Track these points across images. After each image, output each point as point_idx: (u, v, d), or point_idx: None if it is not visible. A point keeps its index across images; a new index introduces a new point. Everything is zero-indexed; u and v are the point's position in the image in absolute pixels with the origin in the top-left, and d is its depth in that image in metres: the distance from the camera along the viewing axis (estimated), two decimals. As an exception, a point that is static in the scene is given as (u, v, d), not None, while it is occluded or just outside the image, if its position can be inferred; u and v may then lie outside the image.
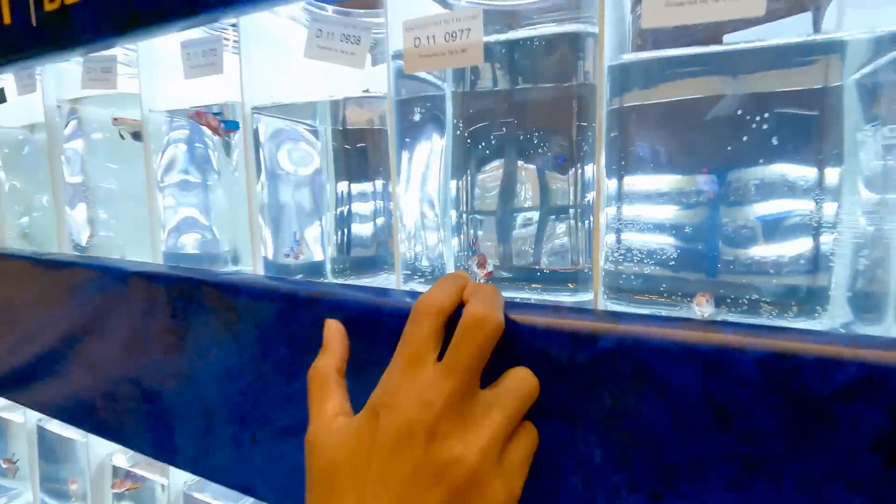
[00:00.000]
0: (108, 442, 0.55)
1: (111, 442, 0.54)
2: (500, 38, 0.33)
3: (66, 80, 0.59)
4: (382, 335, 0.33)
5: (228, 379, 0.42)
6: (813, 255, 0.26)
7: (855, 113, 0.25)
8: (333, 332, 0.30)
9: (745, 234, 0.27)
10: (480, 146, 0.35)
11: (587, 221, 0.33)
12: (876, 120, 0.25)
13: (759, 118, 0.26)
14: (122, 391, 0.51)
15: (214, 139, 0.50)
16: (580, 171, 0.33)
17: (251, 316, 0.40)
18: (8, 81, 0.64)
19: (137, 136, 0.54)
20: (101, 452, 0.70)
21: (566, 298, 0.34)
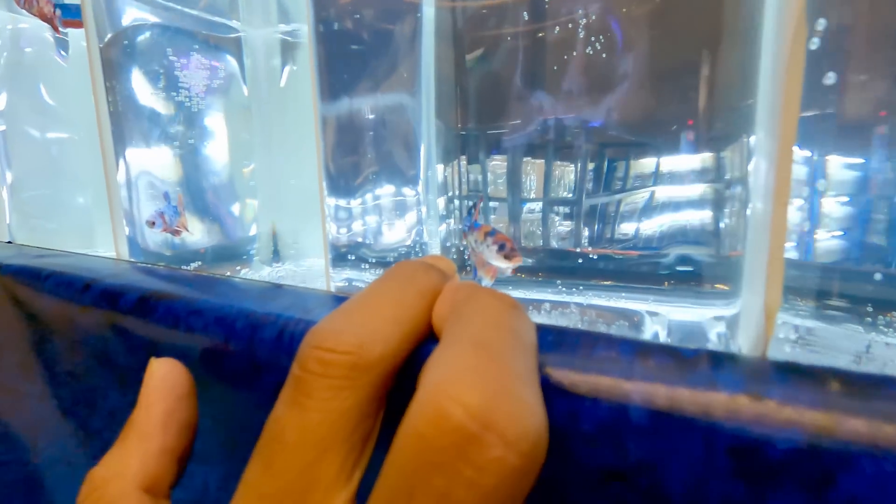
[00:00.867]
0: None
1: None
2: None
3: None
4: (266, 380, 0.18)
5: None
6: None
7: None
8: (154, 391, 0.16)
9: None
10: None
11: (738, 187, 0.19)
12: None
13: None
14: None
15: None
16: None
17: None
18: None
19: None
20: None
21: (689, 309, 0.19)
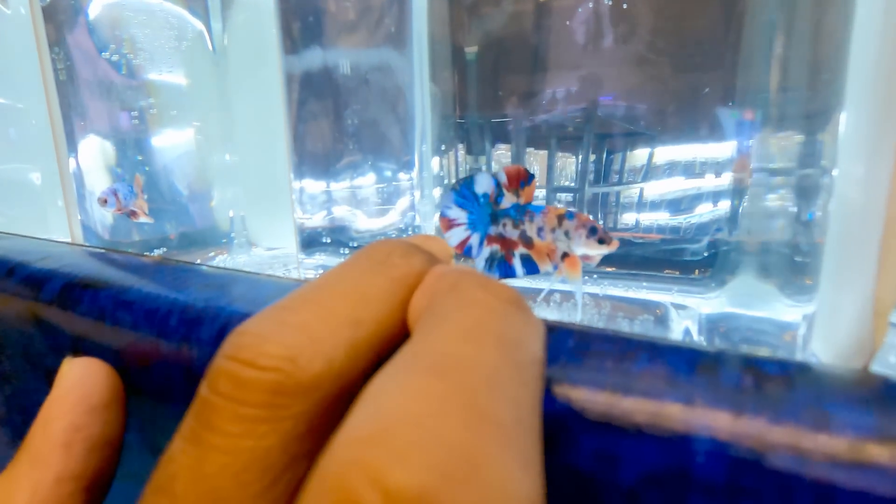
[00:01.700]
0: None
1: None
2: None
3: None
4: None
5: None
6: None
7: None
8: (57, 402, 0.13)
9: None
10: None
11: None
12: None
13: None
14: None
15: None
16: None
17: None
18: None
19: None
20: None
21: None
